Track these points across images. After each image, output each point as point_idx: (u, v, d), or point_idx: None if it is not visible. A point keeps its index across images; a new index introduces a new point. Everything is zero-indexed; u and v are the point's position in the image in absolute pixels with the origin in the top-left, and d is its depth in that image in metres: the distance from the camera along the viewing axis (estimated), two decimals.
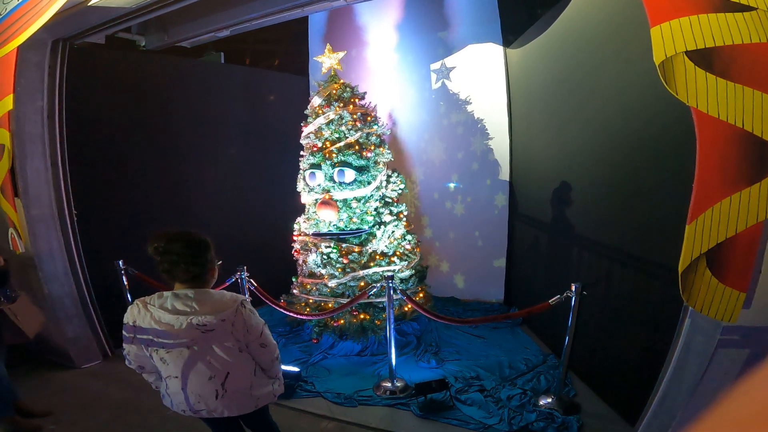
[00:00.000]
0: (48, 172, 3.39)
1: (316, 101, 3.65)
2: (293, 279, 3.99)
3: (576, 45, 3.04)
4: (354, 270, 3.53)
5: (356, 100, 3.67)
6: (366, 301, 3.44)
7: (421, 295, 3.81)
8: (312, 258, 3.64)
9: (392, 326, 2.88)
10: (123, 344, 1.57)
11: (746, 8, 1.49)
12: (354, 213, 3.55)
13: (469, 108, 4.45)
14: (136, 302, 1.53)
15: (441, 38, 4.49)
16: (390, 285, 2.85)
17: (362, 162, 3.54)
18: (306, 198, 3.76)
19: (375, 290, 3.00)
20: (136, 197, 3.96)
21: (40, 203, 3.36)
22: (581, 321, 2.57)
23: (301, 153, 3.82)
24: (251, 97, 4.88)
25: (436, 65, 4.55)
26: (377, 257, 3.60)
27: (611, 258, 2.79)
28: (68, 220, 3.50)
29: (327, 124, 3.57)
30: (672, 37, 1.56)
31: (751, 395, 0.28)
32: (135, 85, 3.94)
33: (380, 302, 3.52)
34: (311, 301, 3.67)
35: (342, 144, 3.53)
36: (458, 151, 4.60)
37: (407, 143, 4.87)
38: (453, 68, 4.48)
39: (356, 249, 3.53)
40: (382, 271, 3.51)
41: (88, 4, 2.73)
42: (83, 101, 3.59)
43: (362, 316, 3.54)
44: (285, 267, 4.20)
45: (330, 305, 3.47)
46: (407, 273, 3.68)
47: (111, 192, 3.81)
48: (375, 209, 3.61)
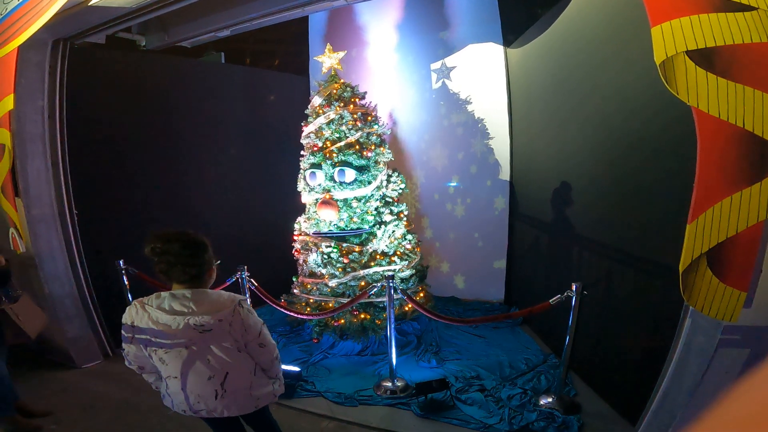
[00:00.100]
0: (49, 172, 3.39)
1: (317, 101, 3.65)
2: (294, 279, 3.99)
3: (576, 45, 3.03)
4: (354, 270, 3.53)
5: (357, 100, 3.67)
6: (366, 301, 3.44)
7: (422, 295, 3.81)
8: (312, 258, 3.64)
9: (393, 326, 2.88)
10: (122, 344, 1.57)
11: (747, 8, 1.49)
12: (354, 212, 3.55)
13: (470, 108, 4.45)
14: (134, 303, 1.53)
15: (441, 38, 4.49)
16: (390, 284, 2.85)
17: (363, 162, 3.54)
18: (306, 198, 3.77)
19: (375, 290, 3.00)
20: (137, 197, 3.97)
21: (41, 203, 3.37)
22: (582, 321, 2.57)
23: (302, 153, 3.82)
24: (252, 97, 4.88)
25: (437, 65, 4.55)
26: (378, 257, 3.60)
27: (612, 258, 2.79)
28: (69, 220, 3.51)
29: (327, 124, 3.57)
30: (673, 37, 1.56)
31: (752, 395, 0.28)
32: (135, 85, 3.94)
33: (381, 302, 3.52)
34: (312, 301, 3.67)
35: (342, 144, 3.53)
36: (458, 152, 4.60)
37: (407, 143, 4.87)
38: (453, 68, 4.48)
39: (357, 248, 3.53)
40: (383, 271, 3.51)
41: (89, 4, 2.73)
42: (84, 101, 3.59)
43: (363, 316, 3.54)
44: (285, 267, 4.20)
45: (330, 305, 3.47)
46: (408, 272, 3.68)
47: (111, 192, 3.82)
48: (375, 209, 3.61)
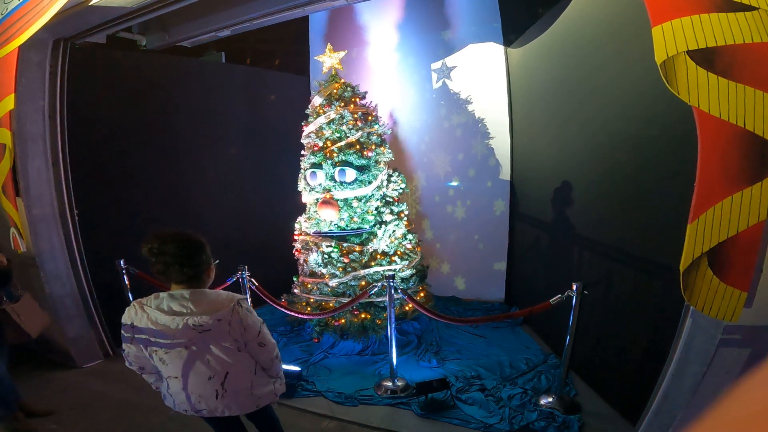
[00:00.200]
0: (49, 172, 3.39)
1: (317, 101, 3.65)
2: (294, 278, 3.99)
3: (577, 44, 3.03)
4: (355, 269, 3.53)
5: (357, 100, 3.66)
6: (367, 301, 3.44)
7: (422, 295, 3.81)
8: (313, 257, 3.64)
9: (393, 325, 2.88)
10: (122, 345, 1.58)
11: (748, 8, 1.49)
12: (355, 212, 3.55)
13: (470, 108, 4.45)
14: (133, 304, 1.53)
15: (442, 38, 4.49)
16: (391, 284, 2.86)
17: (363, 161, 3.54)
18: (307, 197, 3.77)
19: (376, 289, 3.00)
20: (138, 196, 3.97)
21: (42, 203, 3.37)
22: (582, 320, 2.57)
23: (302, 152, 3.82)
24: (252, 97, 4.88)
25: (437, 65, 4.55)
26: (378, 256, 3.60)
27: (612, 257, 2.79)
28: (69, 220, 3.51)
29: (328, 124, 3.57)
30: (673, 37, 1.56)
31: (752, 395, 0.28)
32: (136, 85, 3.94)
33: (381, 301, 3.52)
34: (312, 301, 3.67)
35: (343, 143, 3.53)
36: (459, 153, 4.59)
37: (408, 144, 4.87)
38: (454, 68, 4.48)
39: (357, 248, 3.53)
40: (383, 271, 3.51)
41: (89, 4, 2.73)
42: (84, 101, 3.59)
43: (363, 316, 3.54)
44: (286, 266, 4.20)
45: (331, 304, 3.47)
46: (408, 272, 3.68)
47: (112, 191, 3.82)
48: (376, 208, 3.61)
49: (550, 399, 2.73)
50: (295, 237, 3.90)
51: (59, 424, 2.78)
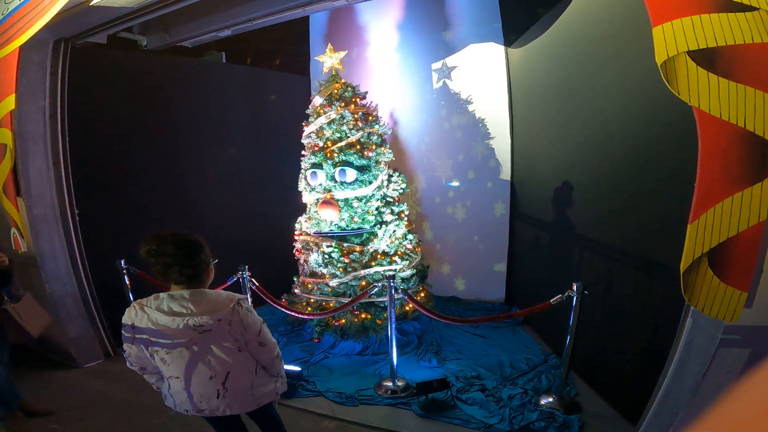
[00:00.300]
0: (50, 172, 3.40)
1: (318, 101, 3.66)
2: (294, 278, 3.99)
3: (577, 44, 3.03)
4: (355, 269, 3.53)
5: (357, 100, 3.67)
6: (367, 301, 3.44)
7: (423, 295, 3.81)
8: (313, 257, 3.65)
9: (393, 325, 2.88)
10: (123, 345, 1.58)
11: (748, 8, 1.49)
12: (355, 212, 3.55)
13: (471, 108, 4.45)
14: (133, 304, 1.53)
15: (442, 38, 4.49)
16: (391, 284, 2.86)
17: (363, 161, 3.54)
18: (307, 197, 3.77)
19: (376, 289, 3.00)
20: (138, 196, 3.97)
21: (42, 203, 3.37)
22: (582, 320, 2.57)
23: (303, 152, 3.82)
24: (252, 97, 4.88)
25: (438, 65, 4.55)
26: (378, 256, 3.60)
27: (612, 257, 2.79)
28: (70, 220, 3.51)
29: (328, 124, 3.57)
30: (674, 37, 1.56)
31: (753, 395, 0.28)
32: (136, 85, 3.94)
33: (381, 301, 3.52)
34: (312, 301, 3.67)
35: (343, 143, 3.53)
36: (459, 154, 4.59)
37: (408, 144, 4.87)
38: (454, 68, 4.48)
39: (357, 248, 3.53)
40: (384, 271, 3.52)
41: (90, 4, 2.74)
42: (85, 101, 3.59)
43: (363, 316, 3.54)
44: (286, 266, 4.21)
45: (331, 304, 3.47)
46: (408, 272, 3.68)
47: (113, 191, 3.82)
48: (376, 209, 3.61)
49: (551, 399, 2.73)
50: (296, 237, 3.90)
51: (60, 424, 2.78)
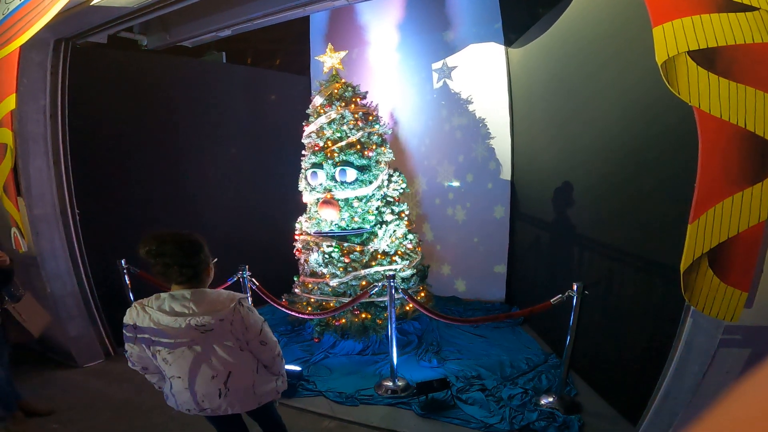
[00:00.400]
0: (50, 172, 3.40)
1: (318, 100, 3.66)
2: (295, 278, 3.99)
3: (578, 44, 3.03)
4: (355, 269, 3.54)
5: (358, 100, 3.67)
6: (367, 300, 3.44)
7: (423, 295, 3.81)
8: (314, 257, 3.65)
9: (394, 325, 2.89)
10: (125, 345, 1.58)
11: (748, 8, 1.49)
12: (355, 212, 3.55)
13: (471, 108, 4.44)
14: (134, 305, 1.53)
15: (442, 38, 4.49)
16: (391, 284, 2.86)
17: (364, 161, 3.54)
18: (308, 197, 3.77)
19: (376, 289, 3.00)
20: (138, 196, 3.97)
21: (43, 202, 3.38)
22: (582, 320, 2.57)
23: (303, 152, 3.82)
24: (253, 97, 4.88)
25: (438, 65, 4.55)
26: (379, 256, 3.60)
27: (613, 257, 2.79)
28: (71, 219, 3.51)
29: (329, 124, 3.57)
30: (674, 37, 1.56)
31: (753, 395, 0.28)
32: (137, 85, 3.95)
33: (382, 301, 3.52)
34: (313, 300, 3.67)
35: (344, 143, 3.53)
36: (459, 155, 4.59)
37: (408, 145, 4.87)
38: (454, 68, 4.48)
39: (358, 248, 3.53)
40: (384, 270, 3.52)
41: (90, 4, 2.74)
42: (85, 101, 3.59)
43: (364, 316, 3.54)
44: (286, 266, 4.21)
45: (331, 304, 3.47)
46: (409, 272, 3.68)
47: (113, 191, 3.82)
48: (377, 208, 3.61)
49: (551, 399, 2.73)
50: (296, 237, 3.90)
51: (60, 424, 2.78)
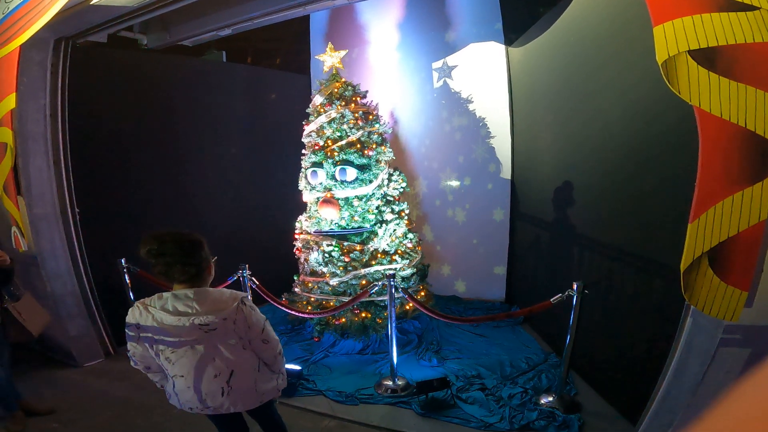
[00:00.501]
0: (50, 171, 3.40)
1: (318, 100, 3.66)
2: (295, 277, 3.99)
3: (578, 44, 3.03)
4: (355, 268, 3.54)
5: (358, 99, 3.66)
6: (367, 300, 3.44)
7: (423, 294, 3.81)
8: (314, 256, 3.65)
9: (394, 324, 2.89)
10: (127, 345, 1.58)
11: (749, 8, 1.49)
12: (356, 211, 3.55)
13: (471, 107, 4.44)
14: (137, 304, 1.53)
15: (443, 37, 4.48)
16: (391, 283, 2.86)
17: (364, 160, 3.54)
18: (308, 196, 3.77)
19: (376, 288, 3.00)
20: (138, 195, 3.97)
21: (43, 201, 3.38)
22: (582, 320, 2.58)
23: (303, 151, 3.82)
24: (253, 96, 4.88)
25: (438, 64, 4.55)
26: (379, 255, 3.60)
27: (613, 257, 2.79)
28: (71, 219, 3.51)
29: (329, 123, 3.57)
30: (675, 37, 1.56)
31: (753, 394, 0.28)
32: (137, 84, 3.94)
33: (382, 300, 3.52)
34: (313, 300, 3.67)
35: (344, 142, 3.53)
36: (459, 155, 4.59)
37: (408, 145, 4.87)
38: (455, 67, 4.47)
39: (358, 247, 3.53)
40: (384, 270, 3.52)
41: (90, 3, 2.74)
42: (85, 100, 3.59)
43: (364, 315, 3.54)
44: (286, 265, 4.21)
45: (331, 303, 3.47)
46: (409, 271, 3.68)
47: (113, 190, 3.82)
48: (377, 207, 3.61)
49: (551, 398, 2.73)
50: (296, 236, 3.90)
51: (60, 423, 2.78)
